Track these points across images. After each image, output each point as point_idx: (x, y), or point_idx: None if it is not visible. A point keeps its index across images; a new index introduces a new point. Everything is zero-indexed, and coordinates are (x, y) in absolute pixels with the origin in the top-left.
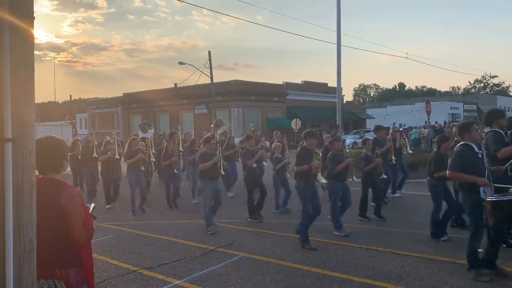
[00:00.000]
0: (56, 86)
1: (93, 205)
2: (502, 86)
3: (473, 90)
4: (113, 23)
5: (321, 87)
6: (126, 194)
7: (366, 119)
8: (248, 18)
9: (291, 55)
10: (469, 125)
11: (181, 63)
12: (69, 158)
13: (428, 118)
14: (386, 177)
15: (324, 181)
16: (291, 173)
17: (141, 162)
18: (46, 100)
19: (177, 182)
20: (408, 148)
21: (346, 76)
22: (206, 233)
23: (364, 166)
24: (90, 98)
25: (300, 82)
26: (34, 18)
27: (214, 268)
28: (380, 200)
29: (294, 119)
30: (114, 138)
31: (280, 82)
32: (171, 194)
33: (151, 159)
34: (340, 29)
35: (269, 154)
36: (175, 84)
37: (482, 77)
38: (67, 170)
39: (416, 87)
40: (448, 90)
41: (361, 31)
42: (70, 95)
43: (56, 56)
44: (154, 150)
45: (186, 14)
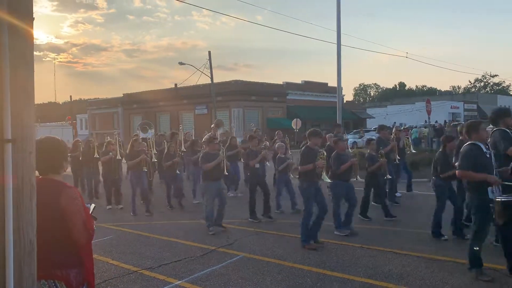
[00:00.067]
0: (56, 87)
1: (93, 205)
2: (503, 85)
3: (473, 90)
4: (113, 24)
5: (321, 87)
6: (127, 194)
7: (367, 119)
8: (248, 18)
9: (291, 55)
10: (477, 124)
11: (181, 64)
12: (70, 159)
13: (428, 118)
14: (390, 177)
15: (328, 180)
16: (294, 173)
17: (143, 163)
18: (46, 100)
19: (179, 183)
20: (411, 147)
21: (346, 75)
22: (207, 233)
23: (368, 166)
24: (90, 99)
25: (300, 82)
26: (34, 18)
27: (215, 268)
28: (383, 200)
29: (294, 119)
30: (115, 138)
31: (280, 82)
32: (174, 195)
33: (153, 160)
34: (340, 29)
35: (271, 153)
36: (175, 84)
37: (483, 76)
38: (67, 171)
39: (416, 87)
40: (448, 89)
41: (361, 31)
42: (70, 96)
43: (56, 56)
44: (155, 151)
45: (186, 14)
